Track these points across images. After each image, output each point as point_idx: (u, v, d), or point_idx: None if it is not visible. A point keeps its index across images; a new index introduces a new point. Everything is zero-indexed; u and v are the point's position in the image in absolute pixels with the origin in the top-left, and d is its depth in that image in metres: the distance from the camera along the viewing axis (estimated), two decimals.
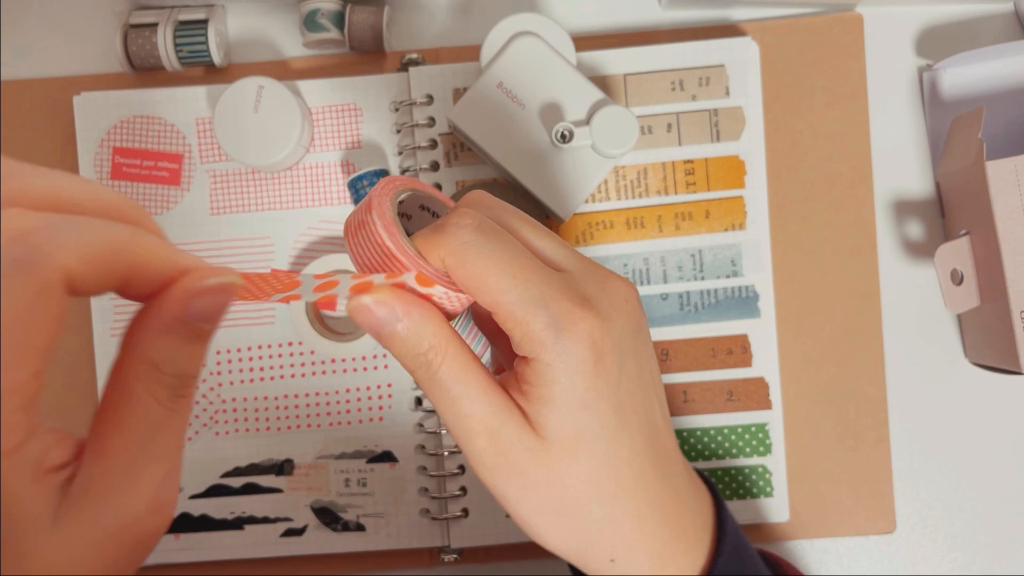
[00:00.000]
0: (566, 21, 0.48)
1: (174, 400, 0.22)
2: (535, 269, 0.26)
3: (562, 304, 0.26)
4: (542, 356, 0.26)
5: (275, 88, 0.44)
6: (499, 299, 0.26)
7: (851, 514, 0.47)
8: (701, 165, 0.46)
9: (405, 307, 0.26)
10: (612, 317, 0.27)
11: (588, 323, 0.26)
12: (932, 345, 0.48)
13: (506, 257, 0.26)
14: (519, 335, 0.26)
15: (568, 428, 0.27)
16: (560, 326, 0.26)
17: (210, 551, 0.46)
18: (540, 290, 0.26)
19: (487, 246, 0.26)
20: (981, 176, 0.41)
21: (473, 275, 0.26)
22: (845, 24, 0.47)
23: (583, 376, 0.26)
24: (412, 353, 0.27)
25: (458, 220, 0.27)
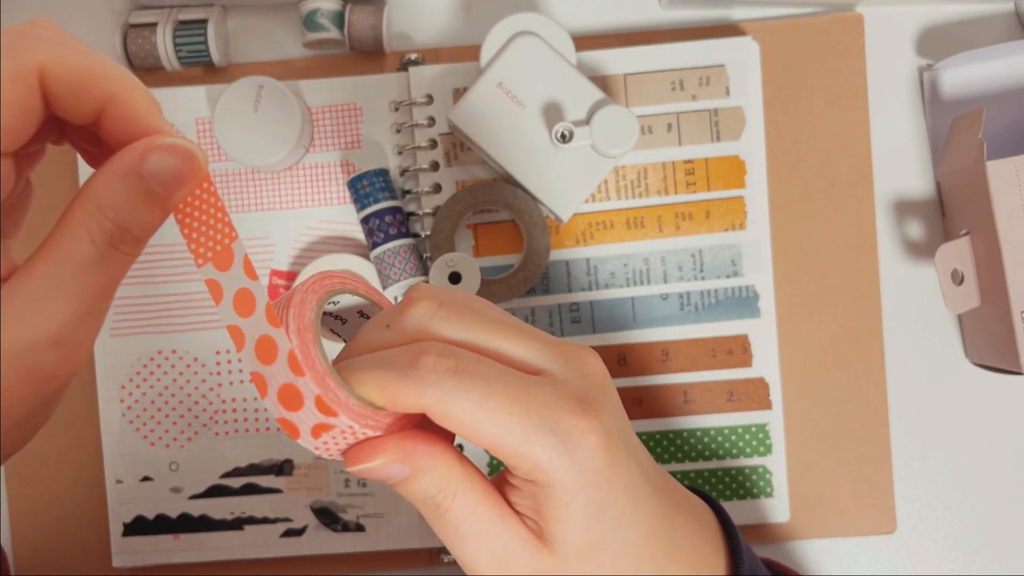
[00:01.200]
0: (566, 21, 0.48)
1: (107, 247, 0.22)
2: (526, 394, 0.25)
3: (565, 422, 0.25)
4: (556, 481, 0.25)
5: (275, 88, 0.44)
6: (499, 440, 0.24)
7: (851, 514, 0.47)
8: (701, 165, 0.46)
9: (416, 462, 0.25)
10: (604, 405, 0.26)
11: (596, 432, 0.25)
12: (932, 345, 0.48)
13: (495, 394, 0.24)
14: (528, 467, 0.25)
15: (587, 539, 0.26)
16: (570, 447, 0.25)
17: (210, 551, 0.46)
18: (540, 414, 0.24)
19: (472, 390, 0.24)
20: (981, 176, 0.41)
21: (464, 423, 0.24)
22: (845, 24, 0.47)
23: (598, 485, 0.25)
24: (419, 498, 0.26)
25: (431, 366, 0.24)
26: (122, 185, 0.22)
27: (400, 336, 0.26)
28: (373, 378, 0.24)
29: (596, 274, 0.46)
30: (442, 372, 0.24)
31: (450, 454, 0.26)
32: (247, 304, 0.24)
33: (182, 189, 0.23)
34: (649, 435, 0.46)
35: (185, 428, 0.46)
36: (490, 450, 0.25)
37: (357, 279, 0.28)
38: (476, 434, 0.24)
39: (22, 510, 0.47)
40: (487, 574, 0.26)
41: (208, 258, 0.24)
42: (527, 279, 0.45)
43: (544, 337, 0.27)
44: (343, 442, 0.25)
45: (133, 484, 0.46)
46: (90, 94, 0.22)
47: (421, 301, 0.26)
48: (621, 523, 0.26)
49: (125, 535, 0.46)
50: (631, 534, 0.27)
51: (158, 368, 0.47)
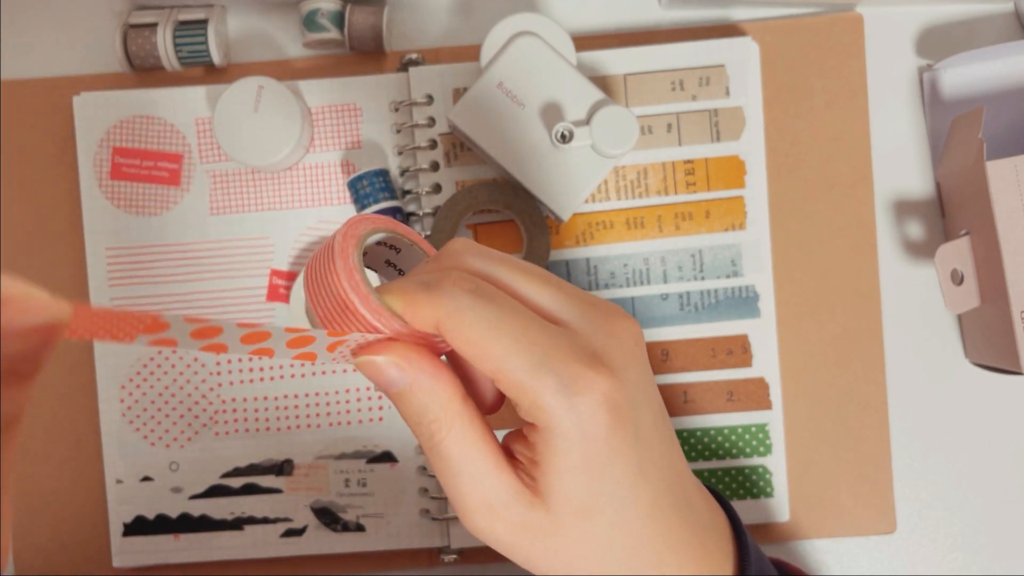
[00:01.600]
0: (566, 21, 0.48)
1: None
2: (539, 330, 0.25)
3: (572, 367, 0.24)
4: (553, 425, 0.25)
5: (275, 88, 0.44)
6: (502, 366, 0.24)
7: (851, 514, 0.47)
8: (701, 165, 0.46)
9: (416, 373, 0.25)
10: (625, 368, 0.26)
11: (602, 384, 0.25)
12: (932, 345, 0.48)
13: (505, 319, 0.24)
14: (527, 403, 0.25)
15: (580, 495, 0.25)
16: (573, 391, 0.24)
17: (210, 551, 0.46)
18: (546, 354, 0.24)
19: (485, 309, 0.24)
20: (981, 176, 0.41)
21: (472, 341, 0.24)
22: (845, 24, 0.47)
23: (598, 441, 0.25)
24: (415, 418, 0.26)
25: (452, 281, 0.25)
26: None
27: (435, 265, 0.27)
28: (399, 288, 0.25)
29: (596, 274, 0.46)
30: (461, 289, 0.25)
31: (453, 386, 0.26)
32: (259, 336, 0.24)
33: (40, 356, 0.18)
34: None
35: (185, 428, 0.46)
36: (494, 378, 0.25)
37: (390, 220, 0.29)
38: (482, 356, 0.24)
39: (22, 510, 0.47)
40: (476, 522, 0.26)
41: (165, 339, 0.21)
42: None
43: (576, 293, 0.27)
44: (356, 347, 0.25)
45: (133, 484, 0.46)
46: None
47: (461, 240, 0.28)
48: (619, 492, 0.26)
49: (125, 535, 0.46)
50: (630, 508, 0.26)
51: (158, 368, 0.47)
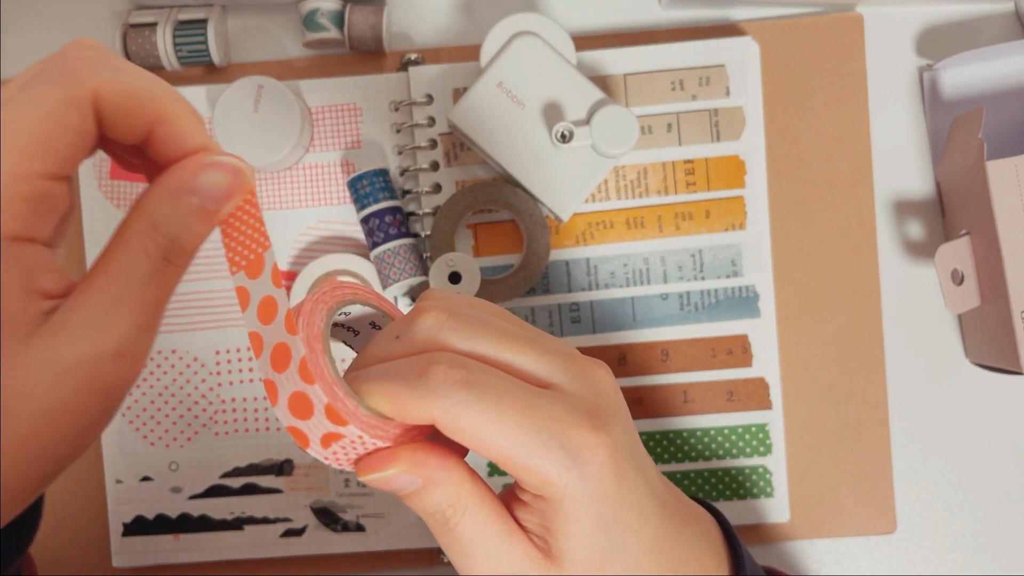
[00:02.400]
0: (566, 21, 0.48)
1: (162, 262, 0.23)
2: (536, 407, 0.24)
3: (575, 436, 0.25)
4: (565, 497, 0.25)
5: (275, 88, 0.44)
6: (508, 453, 0.24)
7: (851, 514, 0.47)
8: (701, 165, 0.46)
9: (427, 473, 0.25)
10: (615, 422, 0.26)
11: (605, 447, 0.25)
12: (932, 345, 0.48)
13: (506, 407, 0.24)
14: (536, 481, 0.25)
15: (594, 553, 0.26)
16: (581, 462, 0.25)
17: (210, 551, 0.46)
18: (550, 429, 0.24)
19: (482, 402, 0.24)
20: (981, 176, 0.41)
21: (474, 435, 0.24)
22: (845, 24, 0.47)
23: (606, 501, 0.25)
24: (429, 511, 0.26)
25: (441, 377, 0.24)
26: (175, 202, 0.23)
27: (410, 347, 0.25)
28: (382, 389, 0.24)
29: (596, 274, 0.46)
30: (452, 383, 0.24)
31: (462, 469, 0.26)
32: (269, 312, 0.24)
33: (230, 203, 0.24)
34: (649, 435, 0.46)
35: (185, 428, 0.46)
36: (499, 463, 0.25)
37: (368, 290, 0.28)
38: (485, 447, 0.24)
39: None
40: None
41: (242, 266, 0.25)
42: (527, 279, 0.45)
43: (555, 349, 0.27)
44: (353, 452, 0.25)
45: (133, 484, 0.46)
46: (140, 116, 0.23)
47: (431, 311, 0.26)
48: (627, 539, 0.26)
49: (125, 535, 0.46)
50: (636, 549, 0.27)
51: (158, 368, 0.47)
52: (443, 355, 0.24)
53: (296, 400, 0.23)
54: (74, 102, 0.22)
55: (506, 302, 0.46)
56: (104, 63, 0.23)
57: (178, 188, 0.23)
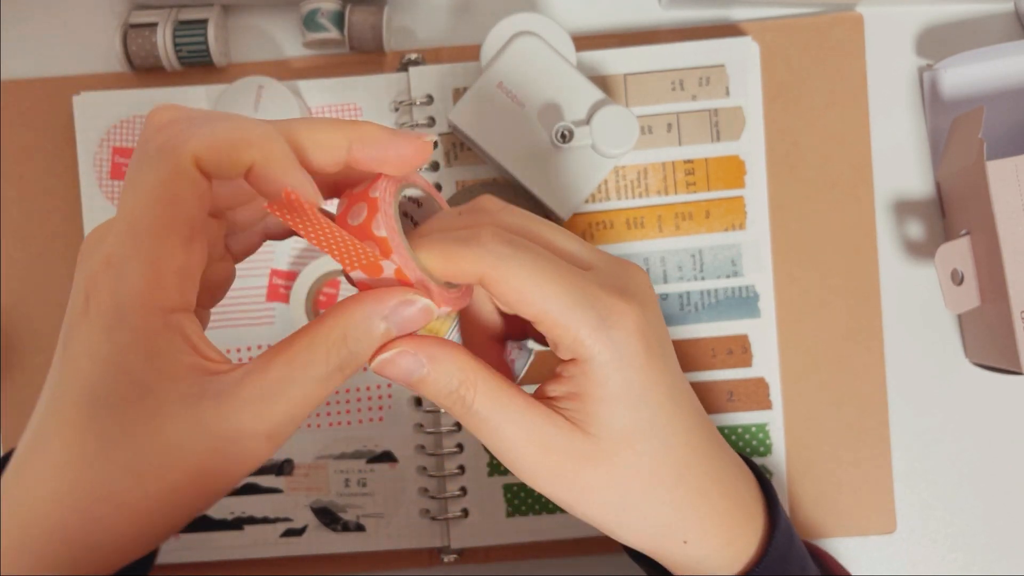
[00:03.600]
0: (566, 21, 0.48)
1: (337, 370, 0.25)
2: (572, 272, 0.27)
3: (606, 300, 0.26)
4: (595, 356, 0.26)
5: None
6: (544, 307, 0.26)
7: (851, 514, 0.47)
8: (701, 165, 0.46)
9: (428, 351, 0.26)
10: (646, 304, 0.28)
11: (634, 315, 0.27)
12: (932, 345, 0.48)
13: (543, 266, 0.26)
14: (569, 339, 0.26)
15: (624, 423, 0.27)
16: (609, 323, 0.26)
17: (210, 551, 0.46)
18: (583, 291, 0.26)
19: (526, 259, 0.26)
20: (981, 176, 0.41)
21: (517, 288, 0.26)
22: (845, 24, 0.47)
23: (636, 369, 0.27)
24: (444, 392, 0.27)
25: (490, 235, 0.26)
26: (369, 325, 0.25)
27: (468, 220, 0.28)
28: (438, 245, 0.26)
29: None
30: (499, 242, 0.26)
31: (464, 351, 0.27)
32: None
33: (416, 326, 0.26)
34: None
35: None
36: (535, 320, 0.26)
37: (415, 176, 0.30)
38: (524, 300, 0.26)
39: None
40: (526, 463, 0.27)
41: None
42: None
43: (595, 247, 0.29)
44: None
45: None
46: (236, 164, 0.24)
47: (489, 197, 0.29)
48: (658, 419, 0.27)
49: None
50: (670, 434, 0.28)
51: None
52: (493, 225, 0.27)
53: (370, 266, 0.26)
54: (180, 173, 0.23)
55: None
56: (192, 120, 0.24)
57: (375, 313, 0.25)
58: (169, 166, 0.23)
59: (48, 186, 0.47)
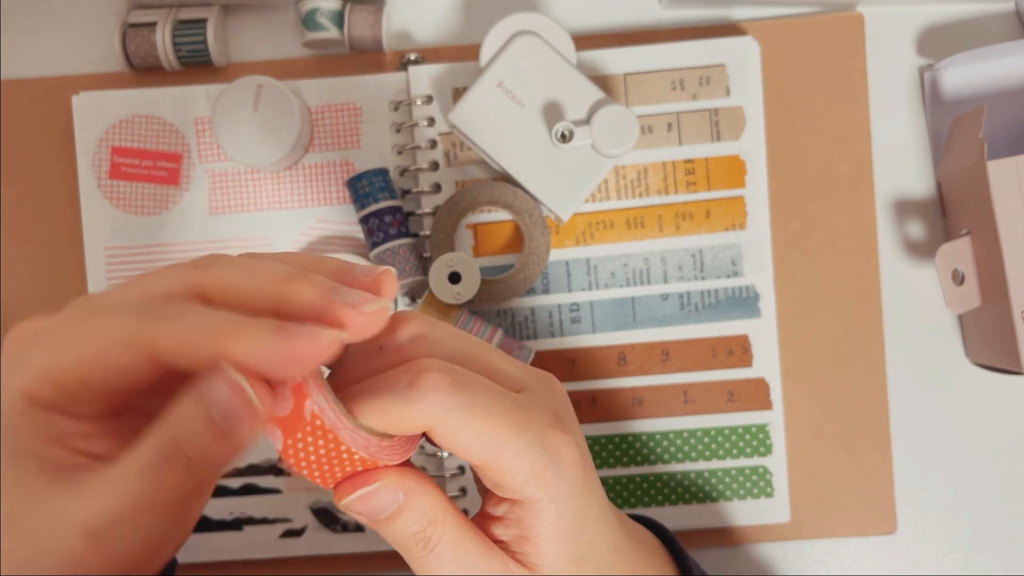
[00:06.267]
0: (566, 21, 0.48)
1: (158, 458, 0.22)
2: (519, 410, 0.25)
3: (551, 436, 0.26)
4: (542, 496, 0.26)
5: (274, 88, 0.44)
6: (496, 454, 0.25)
7: (851, 514, 0.47)
8: (701, 165, 0.46)
9: (406, 485, 0.25)
10: (574, 425, 0.27)
11: (575, 446, 0.26)
12: (933, 345, 0.48)
13: (494, 410, 0.25)
14: (517, 482, 0.25)
15: (572, 551, 0.27)
16: (557, 460, 0.26)
17: (209, 552, 0.46)
18: (531, 431, 0.25)
19: (474, 405, 0.24)
20: (982, 176, 0.41)
21: (466, 440, 0.24)
22: (846, 24, 0.47)
23: (578, 497, 0.27)
24: (412, 532, 0.26)
25: (432, 384, 0.24)
26: (189, 403, 0.22)
27: (395, 356, 0.26)
28: (375, 405, 0.24)
29: (596, 274, 0.46)
30: (445, 388, 0.24)
31: (437, 490, 0.26)
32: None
33: (240, 428, 0.23)
34: (649, 435, 0.46)
35: None
36: (485, 465, 0.25)
37: None
38: (475, 450, 0.25)
39: None
40: None
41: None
42: (527, 279, 0.45)
43: (520, 363, 0.28)
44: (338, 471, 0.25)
45: None
46: (199, 360, 0.22)
47: (410, 320, 0.26)
48: (596, 537, 0.28)
49: None
50: (603, 548, 0.28)
51: None
52: (432, 360, 0.25)
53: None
54: (133, 347, 0.22)
55: (506, 302, 0.46)
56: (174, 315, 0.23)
57: (194, 393, 0.23)
58: (130, 334, 0.22)
59: (47, 186, 0.47)
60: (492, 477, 0.26)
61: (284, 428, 0.23)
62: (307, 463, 0.24)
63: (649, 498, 0.47)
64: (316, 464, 0.24)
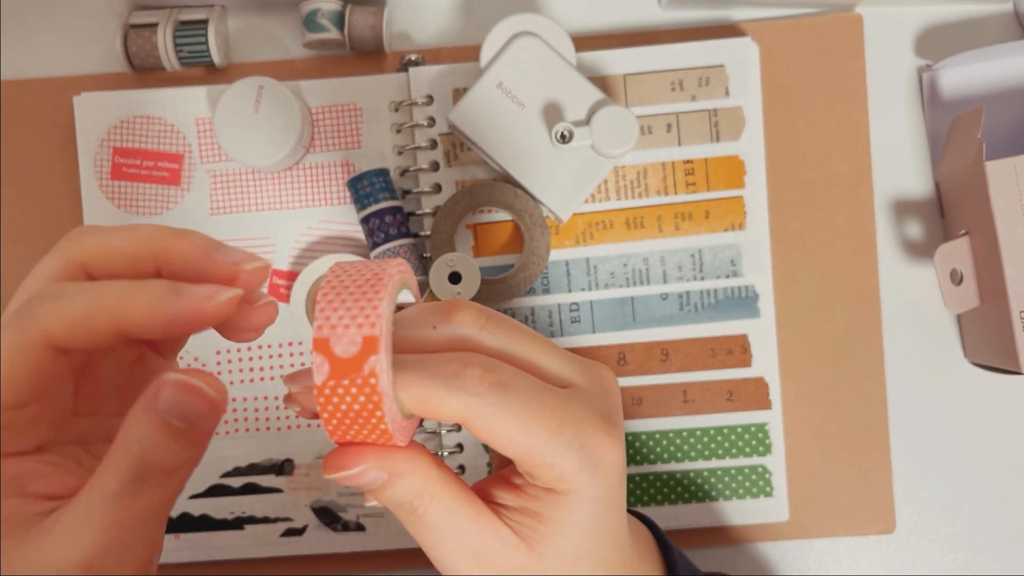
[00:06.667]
0: (566, 21, 0.48)
1: (132, 481, 0.23)
2: (560, 409, 0.26)
3: (594, 437, 0.26)
4: (575, 491, 0.26)
5: (275, 88, 0.44)
6: (531, 451, 0.25)
7: (851, 514, 0.47)
8: (701, 165, 0.46)
9: (392, 466, 0.25)
10: (620, 424, 0.27)
11: (617, 451, 0.26)
12: (932, 345, 0.48)
13: (534, 409, 0.25)
14: (552, 477, 0.26)
15: (578, 546, 0.27)
16: (595, 463, 0.26)
17: (210, 551, 0.46)
18: (572, 430, 0.25)
19: (514, 404, 0.25)
20: (981, 176, 0.41)
21: (502, 434, 0.25)
22: (845, 24, 0.47)
23: (604, 501, 0.27)
24: (397, 503, 0.26)
25: (476, 378, 0.24)
26: (144, 418, 0.23)
27: (446, 341, 0.26)
28: (418, 382, 0.24)
29: (596, 274, 0.46)
30: (487, 385, 0.24)
31: (426, 459, 0.26)
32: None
33: (203, 422, 0.23)
34: (649, 435, 0.47)
35: None
36: (518, 459, 0.26)
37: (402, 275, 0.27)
38: (511, 445, 0.25)
39: None
40: (466, 573, 0.27)
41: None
42: (527, 279, 0.45)
43: (569, 353, 0.28)
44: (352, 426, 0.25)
45: None
46: (98, 334, 0.23)
47: (469, 310, 0.26)
48: (607, 538, 0.28)
49: None
50: (608, 549, 0.28)
51: None
52: (477, 357, 0.25)
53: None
54: (26, 346, 0.23)
55: (506, 302, 0.46)
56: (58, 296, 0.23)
57: (145, 405, 0.23)
58: (12, 340, 0.23)
59: (48, 186, 0.47)
60: (524, 468, 0.26)
61: (336, 368, 0.23)
62: (335, 409, 0.23)
63: (648, 497, 0.47)
64: (343, 415, 0.24)
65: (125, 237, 0.25)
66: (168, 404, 0.23)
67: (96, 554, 0.22)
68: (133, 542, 0.23)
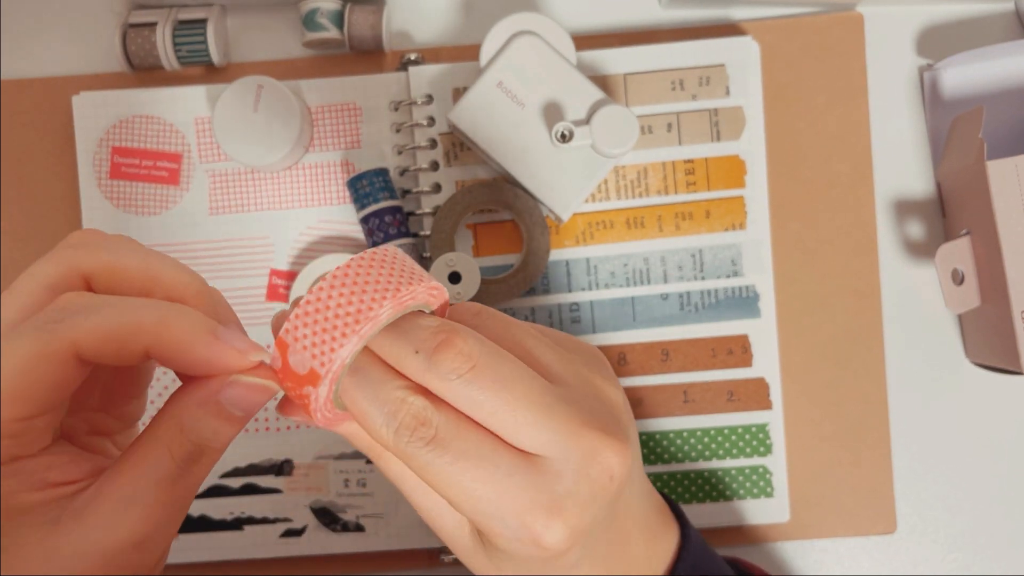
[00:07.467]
0: (566, 21, 0.48)
1: (186, 463, 0.24)
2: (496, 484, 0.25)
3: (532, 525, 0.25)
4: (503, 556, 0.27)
5: (275, 88, 0.44)
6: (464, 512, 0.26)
7: (851, 514, 0.47)
8: (701, 165, 0.46)
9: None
10: (628, 428, 0.28)
11: (614, 453, 0.26)
12: (933, 345, 0.48)
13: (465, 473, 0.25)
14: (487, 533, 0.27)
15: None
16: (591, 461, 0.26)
17: (209, 551, 0.46)
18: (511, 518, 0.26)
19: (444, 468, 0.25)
20: (982, 176, 0.41)
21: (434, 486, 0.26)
22: (845, 24, 0.47)
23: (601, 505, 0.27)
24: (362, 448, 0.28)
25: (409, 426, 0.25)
26: (202, 411, 0.24)
27: (419, 372, 0.25)
28: (357, 406, 0.26)
29: (596, 274, 0.46)
30: (418, 439, 0.25)
31: None
32: None
33: (258, 409, 0.25)
34: (649, 435, 0.46)
35: None
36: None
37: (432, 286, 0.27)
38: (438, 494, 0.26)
39: None
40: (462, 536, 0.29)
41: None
42: (527, 279, 0.45)
43: (565, 416, 0.26)
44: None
45: None
46: (129, 351, 0.23)
47: (456, 358, 0.25)
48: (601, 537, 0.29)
49: None
50: (607, 548, 0.29)
51: (157, 368, 0.46)
52: (418, 401, 0.25)
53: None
54: (49, 356, 0.23)
55: (506, 302, 0.46)
56: (94, 309, 0.23)
57: (205, 398, 0.24)
58: (36, 348, 0.23)
59: (47, 186, 0.47)
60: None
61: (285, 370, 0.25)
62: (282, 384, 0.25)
63: None
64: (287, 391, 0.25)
65: (135, 258, 0.25)
66: (233, 399, 0.24)
67: (150, 531, 0.24)
68: (180, 516, 0.25)
